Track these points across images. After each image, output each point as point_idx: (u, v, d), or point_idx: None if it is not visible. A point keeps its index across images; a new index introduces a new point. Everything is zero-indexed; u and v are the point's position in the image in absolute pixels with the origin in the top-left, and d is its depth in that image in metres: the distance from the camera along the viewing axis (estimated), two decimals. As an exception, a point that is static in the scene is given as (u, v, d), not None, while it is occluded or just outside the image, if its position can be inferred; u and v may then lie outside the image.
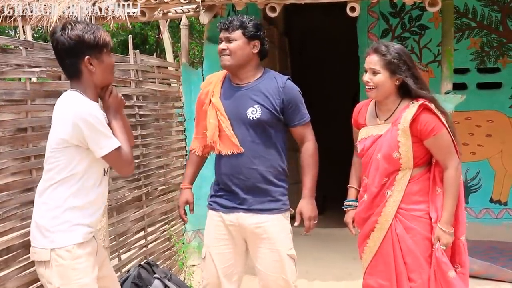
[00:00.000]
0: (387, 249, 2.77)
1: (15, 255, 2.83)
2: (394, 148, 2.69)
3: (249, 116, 2.82)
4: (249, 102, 2.84)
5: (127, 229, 3.95)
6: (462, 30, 5.85)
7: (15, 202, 2.85)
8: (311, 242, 6.00)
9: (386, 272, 2.77)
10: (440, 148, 2.68)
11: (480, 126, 5.87)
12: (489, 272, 4.59)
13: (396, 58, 2.67)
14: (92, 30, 2.37)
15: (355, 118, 2.95)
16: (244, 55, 2.84)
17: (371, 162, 2.77)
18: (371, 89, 2.72)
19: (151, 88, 4.38)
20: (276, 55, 7.21)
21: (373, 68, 2.69)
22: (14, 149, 2.86)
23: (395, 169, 2.72)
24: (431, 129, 2.65)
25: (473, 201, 5.95)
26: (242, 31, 2.83)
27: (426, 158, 2.74)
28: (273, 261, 2.89)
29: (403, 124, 2.67)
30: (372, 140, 2.77)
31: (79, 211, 2.42)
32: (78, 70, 2.39)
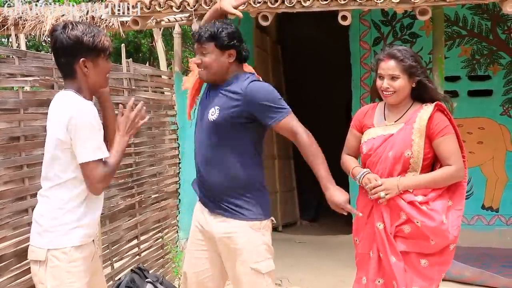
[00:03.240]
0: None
1: (7, 264, 2.83)
2: (407, 146, 2.69)
3: (209, 118, 2.71)
4: (212, 103, 2.73)
5: (120, 237, 3.95)
6: (453, 38, 5.91)
7: (7, 211, 2.86)
8: (305, 250, 6.03)
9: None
10: (447, 150, 2.69)
11: (472, 133, 5.91)
12: (482, 279, 4.62)
13: (413, 62, 2.72)
14: (93, 33, 2.37)
15: (360, 120, 2.92)
16: (219, 67, 2.71)
17: (380, 161, 2.76)
18: (390, 94, 2.74)
19: (144, 96, 4.38)
20: (269, 63, 7.27)
21: (392, 74, 2.71)
22: (7, 158, 2.87)
23: (403, 170, 2.72)
24: (442, 129, 2.69)
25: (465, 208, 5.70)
26: (214, 42, 2.68)
27: (429, 162, 2.75)
28: (236, 274, 2.74)
29: (419, 123, 2.70)
30: (383, 139, 2.76)
31: (79, 214, 2.39)
32: (72, 70, 2.38)
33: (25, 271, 2.94)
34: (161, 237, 4.57)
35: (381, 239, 2.72)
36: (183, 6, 4.20)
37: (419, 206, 2.65)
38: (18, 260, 2.90)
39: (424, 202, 2.66)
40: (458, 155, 2.72)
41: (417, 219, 2.65)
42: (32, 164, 3.04)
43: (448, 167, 2.70)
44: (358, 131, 2.93)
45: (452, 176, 2.70)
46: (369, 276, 2.78)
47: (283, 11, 4.13)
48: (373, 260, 2.77)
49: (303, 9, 4.09)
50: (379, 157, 2.76)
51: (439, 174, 2.71)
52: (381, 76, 2.76)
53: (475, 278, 4.60)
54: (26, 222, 2.97)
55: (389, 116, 2.84)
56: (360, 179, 2.78)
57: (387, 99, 2.78)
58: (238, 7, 3.00)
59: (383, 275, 2.76)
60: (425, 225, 2.63)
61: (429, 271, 2.71)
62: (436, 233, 2.64)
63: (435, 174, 2.72)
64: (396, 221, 2.71)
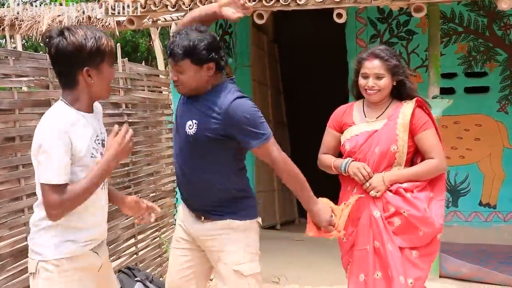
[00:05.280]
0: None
1: (3, 264, 2.85)
2: (392, 141, 2.77)
3: (187, 131, 2.54)
4: (190, 115, 2.56)
5: (117, 236, 3.96)
6: (449, 35, 5.91)
7: (3, 211, 2.88)
8: (304, 248, 6.02)
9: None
10: (428, 144, 2.79)
11: (469, 130, 5.92)
12: (479, 275, 4.61)
13: (397, 61, 2.81)
14: (95, 37, 2.12)
15: (339, 119, 2.97)
16: (198, 82, 2.51)
17: (366, 157, 2.81)
18: (375, 92, 2.80)
19: (140, 96, 4.40)
20: (266, 62, 7.26)
21: (377, 73, 2.78)
22: (2, 158, 2.87)
23: (389, 165, 2.80)
24: (423, 124, 2.79)
25: (463, 204, 5.99)
26: (190, 59, 2.45)
27: (411, 155, 2.85)
28: (219, 275, 2.67)
29: (403, 119, 2.78)
30: (367, 135, 2.83)
31: (72, 227, 2.22)
32: (74, 80, 2.14)
33: (22, 271, 2.95)
34: (159, 236, 4.58)
35: (378, 228, 2.77)
36: (178, 5, 4.20)
37: (404, 195, 2.75)
38: (15, 260, 2.91)
39: (409, 189, 2.76)
40: (439, 148, 2.82)
41: (403, 209, 2.74)
42: (28, 164, 3.04)
43: (430, 160, 2.80)
44: (337, 131, 2.98)
45: (435, 168, 2.79)
46: (368, 271, 2.80)
47: (278, 9, 4.12)
48: (370, 254, 2.81)
49: (298, 7, 4.08)
50: (365, 153, 2.83)
51: (423, 167, 2.80)
52: (365, 75, 2.81)
53: (472, 274, 4.61)
54: (22, 222, 2.99)
55: (369, 113, 2.90)
56: (346, 168, 2.83)
57: (371, 97, 2.84)
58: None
59: (380, 268, 2.79)
60: (411, 214, 2.73)
61: (419, 261, 2.79)
62: (423, 221, 2.74)
63: (418, 168, 2.81)
64: (385, 213, 2.79)
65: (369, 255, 2.80)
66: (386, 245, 2.74)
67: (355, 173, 2.79)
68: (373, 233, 2.79)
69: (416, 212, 2.72)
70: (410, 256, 2.77)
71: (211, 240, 2.65)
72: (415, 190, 2.78)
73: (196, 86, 2.53)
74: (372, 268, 2.79)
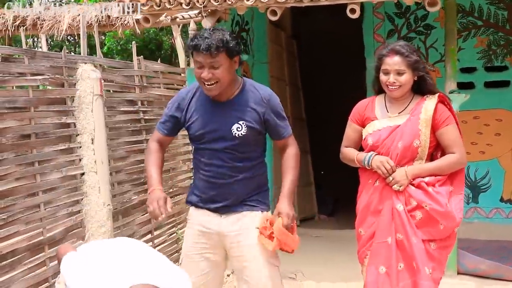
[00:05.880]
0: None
1: (20, 258, 2.93)
2: (415, 136, 2.81)
3: (234, 133, 2.62)
4: (234, 119, 2.63)
5: (133, 232, 4.02)
6: (469, 29, 5.82)
7: (19, 206, 2.94)
8: (322, 244, 6.02)
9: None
10: (450, 138, 2.83)
11: (489, 125, 5.82)
12: (498, 272, 4.54)
13: (417, 57, 2.84)
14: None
15: (361, 114, 2.99)
16: (231, 76, 2.60)
17: (389, 152, 2.85)
18: (396, 88, 2.82)
19: (156, 93, 4.44)
20: (284, 58, 7.26)
21: (398, 69, 2.80)
22: (18, 155, 2.95)
23: (411, 159, 2.85)
24: (445, 119, 2.83)
25: (483, 200, 5.91)
26: (225, 52, 2.51)
27: (432, 150, 2.88)
28: (252, 270, 2.74)
29: (426, 114, 2.81)
30: (390, 130, 2.86)
31: None
32: None
33: (38, 265, 3.03)
34: (175, 231, 4.63)
35: (401, 221, 2.80)
36: (192, 3, 4.22)
37: (426, 189, 2.78)
38: (31, 254, 2.99)
39: (431, 183, 2.80)
40: (460, 143, 2.86)
41: (425, 203, 2.78)
42: (43, 161, 3.12)
43: (452, 154, 2.83)
44: (359, 125, 3.00)
45: (456, 163, 2.84)
46: (391, 263, 2.82)
47: (292, 5, 4.12)
48: (393, 246, 2.83)
49: (311, 3, 4.07)
50: (388, 147, 2.86)
51: (444, 161, 2.84)
52: (386, 72, 2.83)
53: (491, 271, 4.54)
54: (38, 217, 3.07)
55: (392, 108, 2.92)
56: (370, 161, 2.86)
57: (392, 93, 2.86)
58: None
59: (403, 259, 2.82)
60: (433, 208, 2.77)
61: (437, 253, 2.83)
62: (444, 216, 2.78)
63: (440, 162, 2.85)
64: (407, 206, 2.82)
65: (392, 248, 2.83)
66: (411, 238, 2.78)
67: (379, 167, 2.83)
68: (395, 226, 2.83)
69: (438, 207, 2.76)
70: (429, 248, 2.82)
71: (242, 235, 2.71)
72: (436, 184, 2.81)
73: (229, 83, 2.60)
74: (395, 260, 2.82)
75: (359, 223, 2.96)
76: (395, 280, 2.79)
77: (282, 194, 2.74)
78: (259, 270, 2.71)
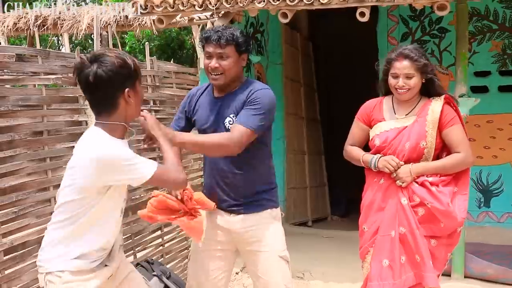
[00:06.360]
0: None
1: (30, 250, 3.04)
2: (422, 137, 2.87)
3: (227, 127, 2.70)
4: (226, 113, 2.72)
5: (143, 228, 4.11)
6: (483, 32, 5.81)
7: (30, 200, 3.06)
8: (331, 244, 6.06)
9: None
10: (455, 138, 2.88)
11: (502, 129, 5.81)
12: (506, 277, 4.54)
13: (426, 60, 2.89)
14: (127, 59, 2.18)
15: (368, 114, 3.05)
16: (237, 71, 2.71)
17: (396, 152, 2.90)
18: (405, 91, 2.88)
19: (168, 93, 4.54)
20: (299, 60, 7.32)
21: (407, 73, 2.85)
22: (31, 151, 3.06)
23: (417, 159, 2.90)
24: (450, 119, 2.88)
25: (495, 205, 5.89)
26: (234, 46, 2.64)
27: (438, 151, 2.93)
28: (264, 265, 2.81)
29: (433, 116, 2.87)
30: (397, 131, 2.92)
31: (84, 245, 2.27)
32: (114, 103, 2.19)
33: (48, 257, 3.13)
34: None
35: (405, 215, 2.86)
36: (205, 5, 4.32)
37: (429, 188, 2.84)
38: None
39: (434, 183, 2.85)
40: (466, 143, 2.90)
41: (427, 201, 2.83)
42: (55, 157, 3.24)
43: (457, 154, 2.88)
44: (366, 124, 3.06)
45: (461, 162, 2.88)
46: (394, 256, 2.87)
47: (302, 8, 4.18)
48: (396, 239, 2.89)
49: (321, 6, 4.13)
50: (395, 148, 2.91)
51: (449, 160, 2.89)
52: (395, 75, 2.88)
53: (498, 275, 4.54)
54: (49, 211, 3.17)
55: (399, 110, 2.98)
56: (376, 163, 2.92)
57: (401, 96, 2.91)
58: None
59: (405, 252, 2.88)
60: (434, 206, 2.82)
61: (437, 250, 2.88)
62: (445, 215, 2.82)
63: (445, 161, 2.90)
64: (411, 202, 2.88)
65: (395, 241, 2.88)
66: (415, 231, 2.84)
67: (385, 165, 2.88)
68: (399, 219, 2.88)
69: (439, 205, 2.81)
70: (429, 244, 2.87)
71: (252, 231, 2.77)
72: (440, 184, 2.86)
73: (234, 76, 2.69)
74: (398, 253, 2.87)
75: (363, 220, 3.02)
76: (398, 273, 2.85)
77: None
78: (271, 265, 2.79)
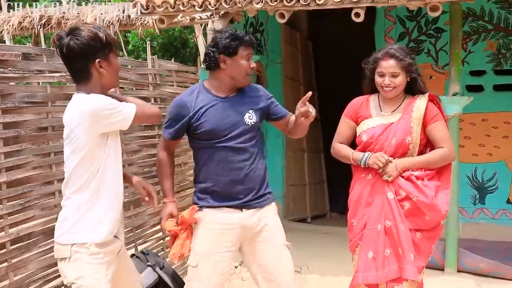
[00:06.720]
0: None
1: (35, 241, 3.18)
2: (407, 133, 2.99)
3: (247, 123, 2.90)
4: (243, 108, 2.91)
5: (144, 222, 4.25)
6: (479, 32, 5.91)
7: (35, 193, 3.19)
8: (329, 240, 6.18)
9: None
10: (439, 134, 3.00)
11: (497, 127, 5.91)
12: (497, 271, 4.66)
13: (411, 59, 3.01)
14: (100, 31, 2.40)
15: (356, 111, 3.16)
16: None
17: (383, 148, 3.02)
18: (391, 90, 3.00)
19: (169, 91, 4.67)
20: (299, 59, 7.43)
21: (393, 72, 2.97)
22: (36, 146, 3.20)
23: (402, 155, 3.02)
24: (434, 115, 3.00)
25: (490, 202, 5.99)
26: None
27: (423, 147, 3.06)
28: (272, 255, 2.98)
29: (418, 113, 3.00)
30: (383, 127, 3.04)
31: (101, 209, 2.48)
32: (87, 73, 2.42)
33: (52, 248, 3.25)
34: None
35: (391, 208, 2.98)
36: (205, 5, 4.44)
37: (415, 182, 2.95)
38: (46, 238, 3.23)
39: (420, 177, 2.97)
40: (449, 139, 3.03)
41: (413, 195, 2.94)
42: (59, 152, 3.36)
43: (440, 149, 3.00)
44: (353, 121, 3.17)
45: (443, 157, 3.00)
46: (378, 248, 2.99)
47: (299, 8, 4.30)
48: (381, 233, 3.01)
49: (317, 6, 4.25)
50: (382, 143, 3.03)
51: (432, 155, 3.02)
52: (381, 74, 3.00)
53: (490, 270, 4.66)
54: (53, 204, 3.31)
55: (385, 107, 3.10)
56: (367, 161, 3.02)
57: (387, 94, 3.03)
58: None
59: (390, 245, 2.99)
60: (420, 200, 2.94)
61: (421, 243, 3.00)
62: (430, 207, 2.94)
63: (429, 156, 3.02)
64: (397, 196, 2.99)
65: (380, 234, 3.00)
66: (399, 225, 2.95)
67: (375, 162, 2.98)
68: (385, 213, 3.00)
69: (424, 198, 2.92)
70: (414, 237, 2.99)
71: (263, 224, 2.94)
72: (425, 178, 2.98)
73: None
74: (382, 246, 2.99)
75: (352, 215, 3.12)
76: (381, 265, 2.96)
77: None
78: (281, 254, 2.98)
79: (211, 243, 2.90)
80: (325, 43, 8.72)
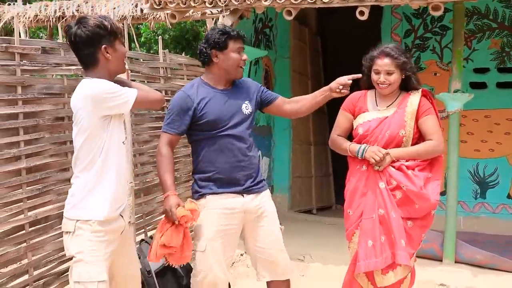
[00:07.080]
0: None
1: (52, 224, 3.39)
2: (401, 126, 3.15)
3: (244, 112, 3.12)
4: (240, 100, 3.14)
5: (154, 209, 4.44)
6: (483, 30, 6.03)
7: (52, 179, 3.40)
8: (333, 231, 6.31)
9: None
10: (429, 127, 3.16)
11: (499, 124, 6.03)
12: (493, 262, 4.79)
13: (406, 58, 3.17)
14: (105, 19, 2.59)
15: (354, 104, 3.33)
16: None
17: (377, 140, 3.18)
18: (386, 86, 3.17)
19: (179, 83, 4.84)
20: (307, 54, 7.57)
21: (388, 70, 3.14)
22: (53, 134, 3.39)
23: (396, 147, 3.17)
24: (426, 110, 3.16)
25: (491, 196, 6.12)
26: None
27: (416, 141, 3.21)
28: (270, 236, 3.21)
29: (411, 107, 3.15)
30: (379, 121, 3.20)
31: (105, 188, 2.62)
32: (94, 59, 2.60)
33: (66, 231, 3.47)
34: (193, 211, 5.02)
35: (383, 197, 3.14)
36: (215, 2, 4.61)
37: (406, 171, 3.11)
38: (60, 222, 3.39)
39: (410, 167, 3.13)
40: (439, 132, 3.18)
41: (403, 184, 3.10)
42: (74, 141, 3.55)
43: (430, 141, 3.16)
44: (351, 114, 3.33)
45: (433, 149, 3.15)
46: (376, 236, 3.15)
47: (306, 6, 4.44)
48: (376, 221, 3.17)
49: (323, 5, 4.39)
50: (376, 136, 3.19)
51: (422, 146, 3.18)
52: (377, 72, 3.17)
53: (487, 261, 4.79)
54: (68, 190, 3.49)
55: (381, 102, 3.27)
56: (364, 153, 3.17)
57: (382, 90, 3.20)
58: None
59: (384, 232, 3.15)
60: (409, 189, 3.09)
61: (412, 231, 3.16)
62: (418, 196, 3.10)
63: (419, 147, 3.19)
64: (389, 186, 3.15)
65: (375, 222, 3.16)
66: (390, 212, 3.11)
67: (371, 156, 3.12)
68: (378, 202, 3.16)
69: (413, 187, 3.08)
70: (405, 225, 3.15)
71: (263, 207, 3.15)
72: (416, 168, 3.14)
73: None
74: (378, 234, 3.15)
75: (348, 205, 3.28)
76: (380, 251, 3.12)
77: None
78: (277, 235, 3.21)
79: (216, 227, 3.03)
80: (333, 39, 8.85)
